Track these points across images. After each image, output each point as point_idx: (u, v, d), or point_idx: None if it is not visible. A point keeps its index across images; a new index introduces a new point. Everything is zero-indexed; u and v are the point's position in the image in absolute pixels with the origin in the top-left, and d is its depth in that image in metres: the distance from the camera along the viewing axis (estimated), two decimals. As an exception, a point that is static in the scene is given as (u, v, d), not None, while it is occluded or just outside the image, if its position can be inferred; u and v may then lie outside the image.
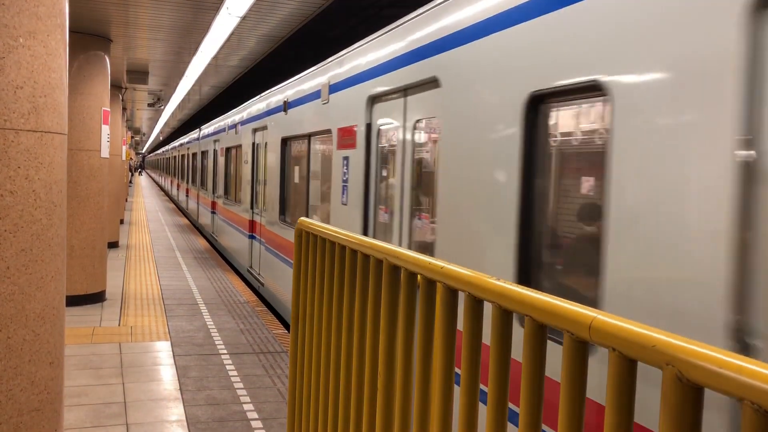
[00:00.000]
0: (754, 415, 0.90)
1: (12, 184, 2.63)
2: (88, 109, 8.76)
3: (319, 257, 2.84)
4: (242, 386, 5.66)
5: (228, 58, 11.20)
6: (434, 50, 4.20)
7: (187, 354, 6.57)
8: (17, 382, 2.67)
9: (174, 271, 11.57)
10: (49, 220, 2.80)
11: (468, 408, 1.71)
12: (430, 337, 1.96)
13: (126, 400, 5.20)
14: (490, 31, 3.54)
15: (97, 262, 8.86)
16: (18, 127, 2.64)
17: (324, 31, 12.89)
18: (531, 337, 1.44)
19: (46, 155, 2.76)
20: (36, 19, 2.68)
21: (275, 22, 8.31)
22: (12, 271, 2.64)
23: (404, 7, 9.56)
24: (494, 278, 1.62)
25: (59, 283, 2.90)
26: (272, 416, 5.02)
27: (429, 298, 1.96)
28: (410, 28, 4.65)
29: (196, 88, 16.11)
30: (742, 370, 0.93)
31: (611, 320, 1.21)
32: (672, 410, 1.04)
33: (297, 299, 3.16)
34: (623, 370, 1.17)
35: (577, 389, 1.30)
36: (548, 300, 1.39)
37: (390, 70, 4.91)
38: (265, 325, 7.89)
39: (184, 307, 8.75)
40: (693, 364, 1.00)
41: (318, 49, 14.17)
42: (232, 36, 8.99)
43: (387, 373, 2.20)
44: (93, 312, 8.27)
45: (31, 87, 2.67)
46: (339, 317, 2.62)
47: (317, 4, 7.29)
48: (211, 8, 7.40)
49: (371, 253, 2.31)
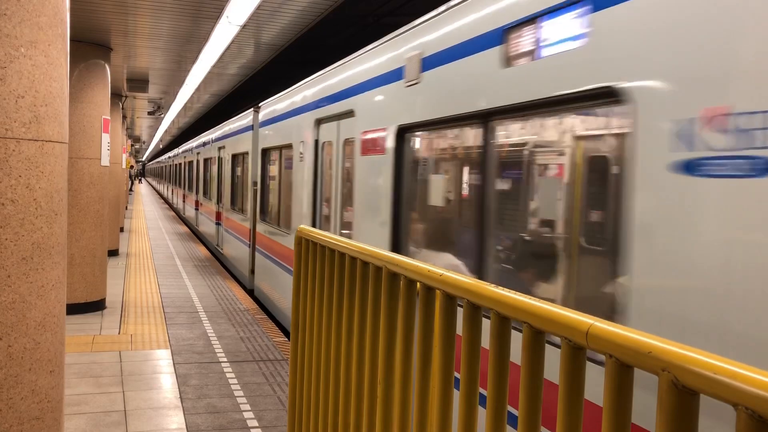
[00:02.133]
0: (748, 421, 0.92)
1: (13, 193, 2.65)
2: (88, 118, 8.79)
3: (319, 265, 2.85)
4: (242, 394, 5.66)
5: (228, 67, 11.25)
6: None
7: (187, 362, 6.57)
8: (18, 391, 2.68)
9: (174, 279, 11.58)
10: (50, 228, 2.81)
11: (467, 414, 1.72)
12: (429, 345, 1.97)
13: (126, 409, 5.20)
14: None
15: (97, 270, 8.86)
16: (19, 136, 2.65)
17: (323, 40, 12.94)
18: (529, 343, 1.45)
19: (47, 164, 2.78)
20: (37, 29, 2.70)
21: (275, 31, 8.35)
22: (13, 280, 2.65)
23: (403, 16, 9.61)
24: (492, 285, 1.64)
25: (60, 291, 2.91)
26: (272, 424, 5.02)
27: (428, 306, 1.97)
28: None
29: (196, 96, 16.15)
30: (736, 376, 0.94)
31: (608, 327, 1.22)
32: (668, 416, 1.05)
33: (297, 307, 3.17)
34: (620, 377, 1.18)
35: (574, 395, 1.31)
36: (546, 307, 1.40)
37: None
38: (265, 333, 7.89)
39: (184, 315, 8.75)
40: (688, 370, 1.01)
41: (318, 57, 14.23)
42: (232, 44, 9.03)
43: (387, 380, 2.21)
44: (93, 320, 8.27)
45: (32, 96, 2.69)
46: (339, 325, 2.63)
47: (316, 13, 7.33)
48: (211, 17, 7.44)
49: (371, 261, 2.32)
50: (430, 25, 4.54)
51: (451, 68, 4.14)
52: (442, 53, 4.25)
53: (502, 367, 1.58)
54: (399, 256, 2.18)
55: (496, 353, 1.58)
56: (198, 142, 21.58)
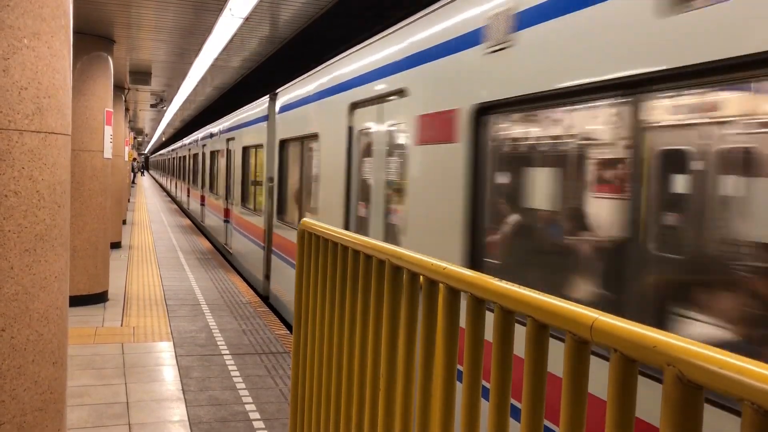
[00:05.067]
0: (754, 415, 0.91)
1: (16, 185, 2.65)
2: (91, 110, 8.79)
3: (322, 258, 2.85)
4: (244, 387, 5.67)
5: (230, 59, 11.23)
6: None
7: (189, 354, 6.58)
8: (21, 382, 2.69)
9: (176, 272, 11.59)
10: (53, 220, 2.81)
11: (470, 408, 1.72)
12: (432, 338, 1.97)
13: (128, 401, 5.21)
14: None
15: (100, 263, 8.88)
16: (22, 127, 2.65)
17: (326, 33, 12.93)
18: (533, 337, 1.45)
19: (50, 156, 2.78)
20: (40, 20, 2.69)
21: (278, 24, 8.33)
22: (16, 271, 2.66)
23: (405, 8, 9.59)
24: (496, 279, 1.63)
25: (63, 283, 2.91)
26: (274, 417, 5.03)
27: (431, 299, 1.97)
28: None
29: (199, 89, 16.15)
30: (742, 370, 0.94)
31: (613, 321, 1.22)
32: (673, 410, 1.05)
33: (300, 300, 3.17)
34: (624, 371, 1.18)
35: (578, 389, 1.31)
36: (550, 301, 1.40)
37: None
38: (267, 326, 7.91)
39: (187, 307, 8.77)
40: (693, 364, 1.01)
41: (320, 51, 14.21)
42: (235, 37, 9.01)
43: (389, 373, 2.21)
44: (95, 312, 8.29)
45: (35, 88, 2.68)
46: (341, 318, 2.63)
47: (319, 6, 7.31)
48: (214, 9, 7.43)
49: (374, 254, 2.32)
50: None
51: (568, 22, 3.13)
52: (554, 2, 3.24)
53: (505, 360, 1.58)
54: (402, 249, 2.18)
55: (499, 347, 1.58)
56: (204, 134, 20.57)
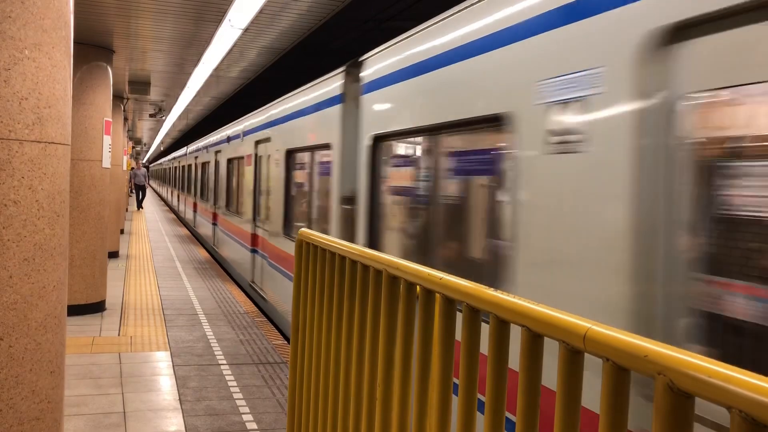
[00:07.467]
0: (742, 423, 0.93)
1: (15, 194, 2.66)
2: (90, 120, 8.81)
3: (320, 268, 2.87)
4: (241, 397, 5.67)
5: (229, 70, 11.28)
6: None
7: (186, 364, 6.57)
8: (18, 391, 2.69)
9: (174, 281, 11.59)
10: (52, 230, 2.83)
11: (465, 417, 1.73)
12: (428, 347, 1.99)
13: (125, 410, 5.20)
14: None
15: (98, 272, 8.88)
16: (22, 137, 2.67)
17: (325, 43, 12.99)
18: (527, 347, 1.46)
19: (50, 166, 2.80)
20: (41, 31, 2.72)
21: (277, 34, 8.38)
22: (15, 280, 2.67)
23: (404, 20, 9.65)
24: (491, 289, 1.65)
25: (61, 292, 2.92)
26: (271, 427, 5.02)
27: (428, 309, 1.99)
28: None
29: (198, 98, 16.18)
30: (730, 379, 0.95)
31: (605, 331, 1.24)
32: (664, 418, 1.07)
33: (297, 310, 3.18)
34: (616, 380, 1.20)
35: (572, 398, 1.33)
36: (544, 311, 1.41)
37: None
38: (264, 336, 7.90)
39: (184, 317, 8.76)
40: (683, 373, 1.03)
41: (319, 61, 14.28)
42: (234, 48, 9.06)
43: (386, 383, 2.22)
44: (93, 322, 8.28)
45: (35, 98, 2.71)
46: (339, 328, 2.64)
47: (318, 17, 7.36)
48: (213, 20, 7.47)
49: (371, 264, 2.33)
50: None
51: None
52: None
53: (500, 368, 1.59)
54: (398, 259, 2.20)
55: (494, 356, 1.60)
56: (218, 137, 16.48)
